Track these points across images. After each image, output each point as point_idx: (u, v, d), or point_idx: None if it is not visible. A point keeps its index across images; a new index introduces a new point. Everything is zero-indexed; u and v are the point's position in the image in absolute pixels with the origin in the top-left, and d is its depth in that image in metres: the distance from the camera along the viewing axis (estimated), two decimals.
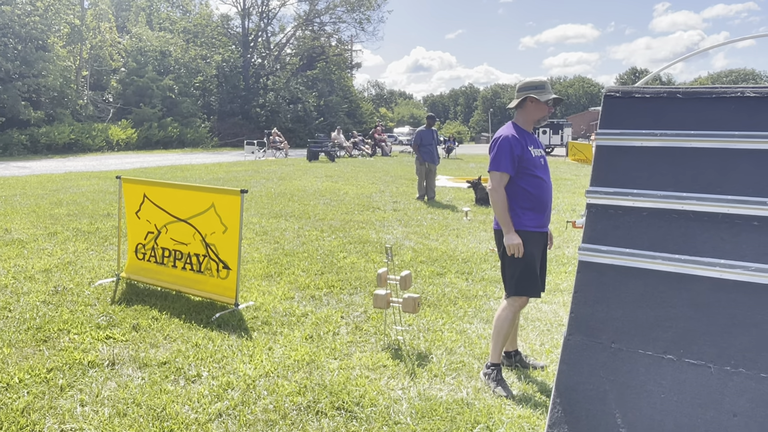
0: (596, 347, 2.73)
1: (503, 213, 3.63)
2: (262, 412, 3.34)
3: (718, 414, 2.42)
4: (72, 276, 6.05)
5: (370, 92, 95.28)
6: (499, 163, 3.63)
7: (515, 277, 3.67)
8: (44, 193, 12.75)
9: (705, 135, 2.68)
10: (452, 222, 9.80)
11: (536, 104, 3.70)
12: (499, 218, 3.67)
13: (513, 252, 3.62)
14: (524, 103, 3.73)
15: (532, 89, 3.70)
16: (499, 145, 3.66)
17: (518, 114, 3.80)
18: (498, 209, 3.65)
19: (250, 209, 10.68)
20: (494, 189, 3.66)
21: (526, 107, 3.74)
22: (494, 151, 3.67)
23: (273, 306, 5.17)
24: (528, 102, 3.71)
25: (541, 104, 3.69)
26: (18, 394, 3.48)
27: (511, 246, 3.61)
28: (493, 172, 3.67)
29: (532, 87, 3.72)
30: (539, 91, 3.69)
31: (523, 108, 3.75)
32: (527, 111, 3.74)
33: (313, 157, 26.05)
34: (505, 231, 3.64)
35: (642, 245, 2.72)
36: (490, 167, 3.68)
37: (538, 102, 3.69)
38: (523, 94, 3.73)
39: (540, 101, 3.68)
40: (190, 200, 5.24)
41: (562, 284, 5.99)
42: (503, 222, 3.65)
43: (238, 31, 50.58)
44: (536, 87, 3.71)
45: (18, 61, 29.97)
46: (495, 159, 3.65)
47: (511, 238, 3.61)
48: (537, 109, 3.72)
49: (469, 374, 3.87)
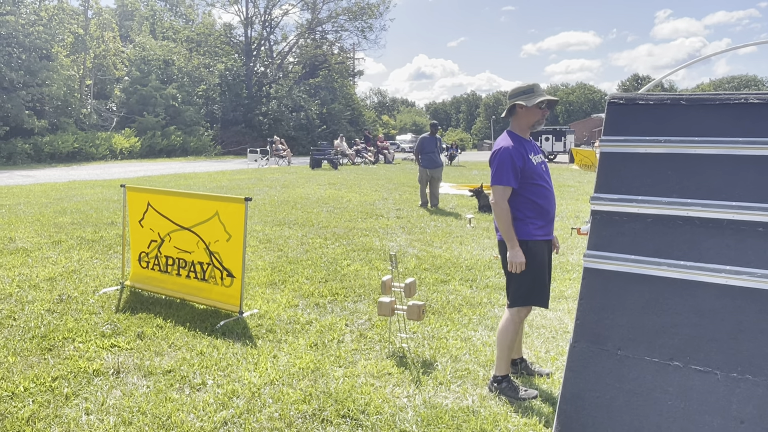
0: (602, 354, 2.73)
1: (507, 227, 3.55)
2: (268, 420, 3.34)
3: (725, 421, 2.41)
4: (76, 284, 6.06)
5: (372, 100, 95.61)
6: (501, 177, 3.55)
7: (523, 288, 3.61)
8: (48, 201, 12.79)
9: (709, 141, 2.69)
10: (456, 229, 9.80)
11: (526, 110, 3.63)
12: (504, 233, 3.57)
13: (515, 269, 3.54)
14: (514, 110, 3.68)
15: (520, 95, 3.65)
16: (500, 158, 3.57)
17: (513, 122, 3.74)
18: (502, 223, 3.56)
19: (254, 217, 10.70)
20: (497, 203, 3.57)
21: (517, 114, 3.68)
22: (495, 164, 3.58)
23: (277, 314, 5.17)
24: (518, 109, 3.66)
25: (532, 109, 3.61)
26: (23, 402, 3.48)
27: (514, 263, 3.53)
28: (495, 186, 3.57)
29: (519, 93, 3.66)
30: (526, 96, 3.63)
31: (515, 115, 3.69)
32: (519, 118, 3.68)
33: (316, 165, 26.10)
34: (510, 246, 3.55)
35: (647, 252, 2.72)
36: (493, 181, 3.60)
37: (527, 107, 3.62)
38: (511, 101, 3.68)
39: (528, 106, 3.60)
40: (193, 208, 5.25)
41: (567, 291, 5.98)
42: (507, 237, 3.56)
43: (241, 40, 50.81)
44: (523, 92, 3.65)
45: (22, 71, 30.14)
46: (497, 173, 3.57)
47: (516, 255, 3.53)
48: (529, 115, 3.64)
49: (474, 382, 3.86)
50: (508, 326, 3.68)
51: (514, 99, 3.67)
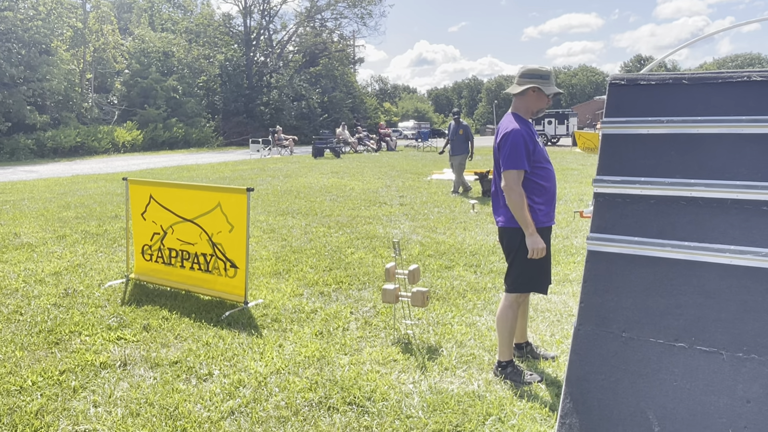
0: (607, 337, 2.72)
1: (524, 213, 3.41)
2: (274, 408, 3.35)
3: (731, 400, 2.40)
4: (82, 278, 6.08)
5: (373, 87, 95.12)
6: (516, 161, 3.38)
7: (526, 274, 3.55)
8: (52, 196, 12.81)
9: (712, 121, 2.66)
10: (459, 215, 9.78)
11: (539, 95, 3.53)
12: (520, 218, 3.42)
13: (536, 255, 3.43)
14: (527, 91, 3.54)
15: (538, 78, 3.52)
16: (512, 140, 3.40)
17: (518, 102, 3.60)
18: (518, 209, 3.41)
19: (257, 207, 10.70)
20: (512, 188, 3.40)
21: (527, 96, 3.55)
22: (507, 147, 3.41)
23: (282, 303, 5.18)
24: (530, 91, 3.53)
25: (544, 96, 3.53)
26: (31, 396, 3.50)
27: (535, 250, 3.41)
28: (509, 171, 3.40)
29: (537, 76, 3.52)
30: (545, 81, 3.52)
31: (524, 96, 3.56)
32: (528, 100, 3.56)
33: (319, 154, 26.06)
34: (529, 232, 3.41)
35: (651, 233, 2.70)
36: (506, 165, 3.41)
37: (542, 93, 3.52)
38: (527, 81, 3.53)
39: (544, 93, 3.52)
40: (196, 200, 5.25)
41: (571, 275, 5.97)
42: (525, 222, 3.41)
43: (240, 30, 50.56)
44: (542, 77, 3.52)
45: (22, 66, 30.09)
46: (511, 156, 3.39)
47: (536, 241, 3.41)
48: (538, 100, 3.54)
49: (479, 367, 3.86)
50: (507, 312, 3.63)
51: (531, 80, 3.52)
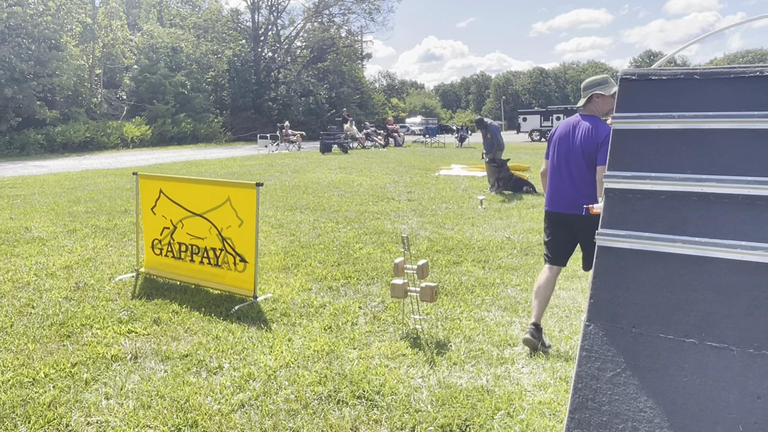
0: (616, 332, 2.72)
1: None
2: (284, 402, 3.37)
3: (741, 396, 2.40)
4: (92, 272, 6.13)
5: (381, 83, 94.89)
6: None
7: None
8: (62, 191, 12.90)
9: (723, 116, 2.65)
10: (467, 211, 9.78)
11: (603, 98, 4.01)
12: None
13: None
14: (592, 99, 4.05)
15: (596, 86, 4.03)
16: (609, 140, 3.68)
17: (590, 108, 4.07)
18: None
19: (266, 202, 10.73)
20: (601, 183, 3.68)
21: (593, 103, 4.06)
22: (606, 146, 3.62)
23: (291, 297, 5.20)
24: (594, 98, 4.04)
25: (608, 98, 3.96)
26: (44, 388, 3.54)
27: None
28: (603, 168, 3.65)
29: (595, 84, 4.05)
30: (602, 86, 4.01)
31: (591, 104, 4.06)
32: (596, 106, 4.05)
33: (327, 149, 26.08)
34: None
35: (661, 229, 2.70)
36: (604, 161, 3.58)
37: (604, 96, 3.99)
38: (588, 92, 4.05)
39: (606, 96, 3.98)
40: (205, 195, 5.28)
41: (580, 270, 5.95)
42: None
43: (248, 26, 50.61)
44: (599, 84, 4.04)
45: (32, 61, 30.25)
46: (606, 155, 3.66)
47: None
48: (605, 103, 4.01)
49: (488, 361, 3.87)
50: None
51: (591, 90, 4.05)
